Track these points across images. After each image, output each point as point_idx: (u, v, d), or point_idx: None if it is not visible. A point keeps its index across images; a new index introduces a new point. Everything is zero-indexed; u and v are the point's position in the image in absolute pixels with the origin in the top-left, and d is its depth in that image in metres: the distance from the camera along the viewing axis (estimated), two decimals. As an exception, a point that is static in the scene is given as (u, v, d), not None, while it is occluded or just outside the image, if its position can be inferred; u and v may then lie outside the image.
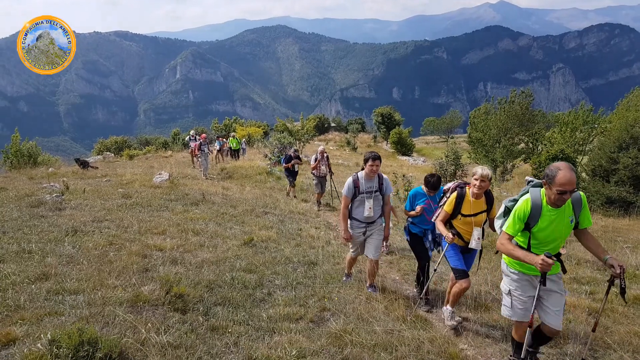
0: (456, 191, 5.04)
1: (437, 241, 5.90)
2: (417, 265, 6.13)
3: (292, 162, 13.76)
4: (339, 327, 4.45)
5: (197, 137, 20.76)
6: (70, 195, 9.86)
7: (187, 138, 21.45)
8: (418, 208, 5.87)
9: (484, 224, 5.08)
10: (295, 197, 14.00)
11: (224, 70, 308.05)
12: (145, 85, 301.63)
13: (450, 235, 4.80)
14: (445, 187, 5.49)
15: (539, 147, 29.24)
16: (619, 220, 14.46)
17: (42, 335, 3.51)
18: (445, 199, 5.26)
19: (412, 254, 6.36)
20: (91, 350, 3.31)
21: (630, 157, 17.47)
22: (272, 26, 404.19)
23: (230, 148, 24.02)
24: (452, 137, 61.96)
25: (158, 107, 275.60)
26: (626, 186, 17.02)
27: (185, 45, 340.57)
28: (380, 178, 5.65)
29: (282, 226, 9.25)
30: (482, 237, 4.99)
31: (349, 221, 5.71)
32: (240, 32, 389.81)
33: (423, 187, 6.03)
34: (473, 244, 4.97)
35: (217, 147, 22.98)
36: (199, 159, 17.67)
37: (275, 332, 4.29)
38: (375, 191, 5.57)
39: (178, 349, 3.72)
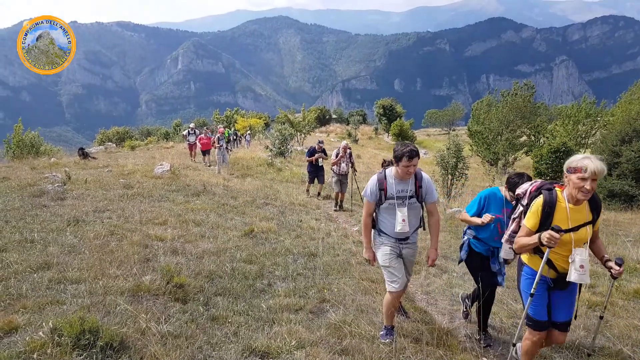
0: (542, 195, 3.40)
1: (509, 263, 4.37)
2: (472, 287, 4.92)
3: (316, 156, 12.35)
4: (339, 318, 4.48)
5: (197, 130, 20.36)
6: (72, 185, 9.88)
7: (185, 131, 20.48)
8: (487, 217, 4.23)
9: (587, 243, 3.34)
10: (316, 194, 12.94)
11: (226, 61, 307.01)
12: (146, 76, 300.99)
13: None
14: (519, 191, 3.78)
15: (541, 140, 29.18)
16: (620, 214, 14.46)
17: (43, 324, 3.54)
18: (521, 208, 3.67)
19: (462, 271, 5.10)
20: (92, 339, 3.34)
21: (632, 151, 17.44)
22: (274, 17, 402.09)
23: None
24: (454, 130, 61.85)
25: (159, 98, 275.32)
26: (628, 179, 17.00)
27: (187, 36, 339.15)
28: (418, 178, 4.14)
29: (282, 217, 9.27)
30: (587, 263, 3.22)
31: (373, 234, 4.35)
32: (242, 23, 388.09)
33: (504, 189, 4.38)
34: (574, 276, 3.22)
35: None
36: (217, 155, 16.71)
37: (274, 323, 4.31)
38: (411, 197, 4.10)
39: (178, 338, 3.75)
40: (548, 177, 18.63)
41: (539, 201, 3.36)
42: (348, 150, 11.47)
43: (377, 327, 4.40)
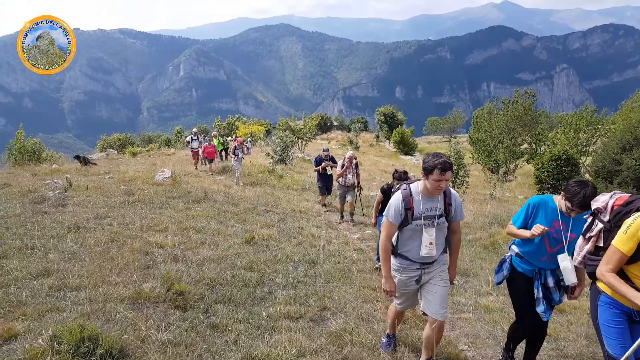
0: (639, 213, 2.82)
1: (563, 286, 3.73)
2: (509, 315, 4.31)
3: (323, 164, 11.74)
4: (339, 326, 4.46)
5: (200, 136, 20.10)
6: (73, 192, 9.89)
7: (188, 138, 19.85)
8: (537, 229, 3.48)
9: None
10: (325, 205, 12.45)
11: (228, 68, 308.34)
12: (148, 83, 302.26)
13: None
14: (598, 204, 3.18)
15: (542, 148, 29.18)
16: (621, 222, 14.41)
17: (43, 331, 3.53)
18: (600, 225, 3.11)
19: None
20: (92, 347, 3.33)
21: (633, 159, 17.44)
22: (275, 25, 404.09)
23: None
24: (455, 137, 61.89)
25: (161, 104, 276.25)
26: (629, 187, 16.98)
27: (189, 44, 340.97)
28: (447, 195, 3.69)
29: (283, 225, 9.26)
30: None
31: (393, 261, 3.82)
32: (244, 31, 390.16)
33: (559, 198, 3.62)
34: None
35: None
36: (234, 164, 16.21)
37: (275, 331, 4.29)
38: (440, 216, 3.63)
39: (178, 346, 3.74)
40: (549, 185, 18.62)
41: (638, 221, 2.74)
42: (354, 161, 10.88)
43: (378, 336, 4.38)
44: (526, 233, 3.60)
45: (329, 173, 11.94)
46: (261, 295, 5.24)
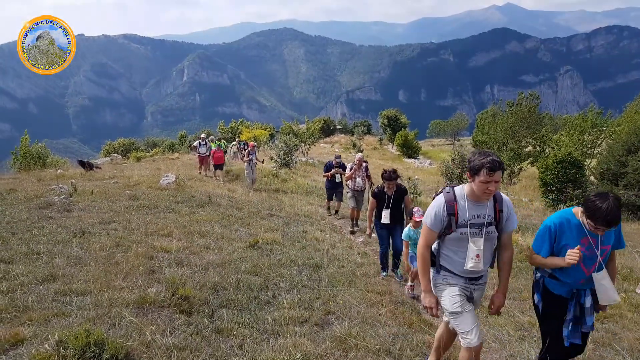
0: None
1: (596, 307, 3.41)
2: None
3: (333, 171, 11.41)
4: (344, 330, 4.45)
5: (208, 140, 19.32)
6: (78, 197, 9.94)
7: (195, 142, 19.37)
8: (573, 256, 3.11)
9: None
10: (334, 213, 11.96)
11: (231, 72, 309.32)
12: (152, 88, 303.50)
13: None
14: None
15: (547, 150, 29.11)
16: (628, 224, 14.36)
17: (49, 336, 3.55)
18: None
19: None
20: (98, 352, 3.34)
21: (639, 160, 17.36)
22: (278, 29, 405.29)
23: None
24: (459, 140, 61.77)
25: (165, 109, 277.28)
26: (635, 189, 16.92)
27: (193, 48, 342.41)
28: (497, 200, 3.28)
29: (287, 229, 9.27)
30: None
31: (433, 273, 3.43)
32: (247, 35, 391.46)
33: (579, 213, 3.26)
34: None
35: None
36: (246, 169, 15.81)
37: (279, 335, 4.29)
38: (489, 224, 3.21)
39: (183, 351, 3.74)
40: (554, 188, 18.54)
41: None
42: (364, 164, 10.55)
43: (383, 340, 4.37)
44: (560, 262, 3.20)
45: (337, 180, 11.53)
46: (265, 300, 5.24)
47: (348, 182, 10.57)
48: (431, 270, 3.40)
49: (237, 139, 31.67)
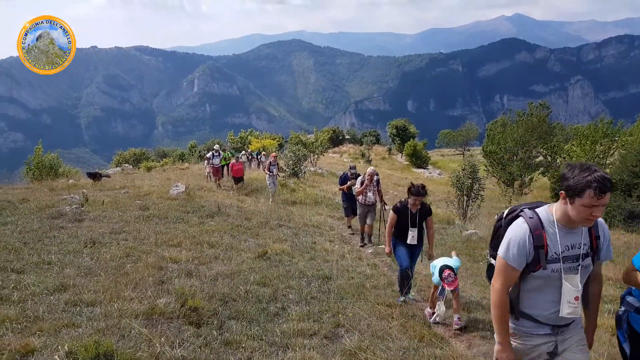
0: None
1: None
2: None
3: (349, 183, 10.74)
4: (354, 344, 4.41)
5: (221, 152, 18.87)
6: (90, 207, 10.01)
7: (209, 154, 18.86)
8: None
9: None
10: (350, 227, 11.39)
11: (240, 83, 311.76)
12: (163, 99, 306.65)
13: None
14: None
15: (558, 160, 28.85)
16: (641, 236, 14.12)
17: (59, 347, 3.55)
18: None
19: None
20: (107, 363, 3.34)
21: (652, 171, 17.14)
22: (287, 40, 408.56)
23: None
24: (469, 150, 61.53)
25: (176, 119, 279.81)
26: (648, 200, 16.67)
27: (203, 60, 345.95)
28: (593, 224, 2.57)
29: (296, 239, 9.25)
30: None
31: (511, 324, 2.66)
32: (257, 47, 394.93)
33: None
34: None
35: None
36: (267, 181, 15.37)
37: (288, 348, 4.26)
38: (585, 255, 2.54)
39: (192, 363, 3.72)
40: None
41: None
42: (375, 177, 9.92)
43: (394, 354, 4.31)
44: None
45: (354, 193, 10.66)
46: (274, 311, 5.22)
47: (359, 197, 9.98)
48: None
49: (246, 149, 31.85)
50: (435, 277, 5.58)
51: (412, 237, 6.12)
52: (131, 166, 32.09)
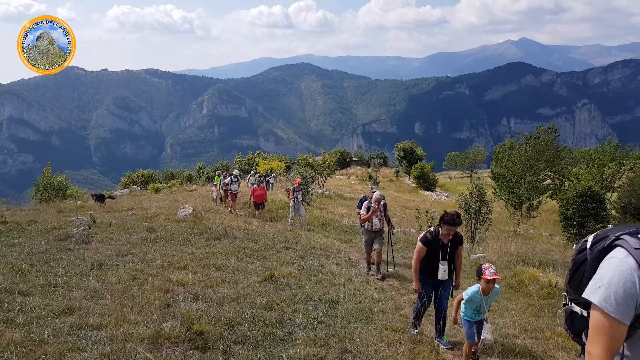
0: None
1: None
2: None
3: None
4: (361, 370, 4.33)
5: (239, 178, 18.11)
6: (97, 229, 10.05)
7: (227, 180, 17.82)
8: None
9: None
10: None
11: (249, 106, 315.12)
12: (172, 121, 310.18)
13: None
14: None
15: (566, 184, 28.66)
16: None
17: (63, 372, 3.52)
18: None
19: None
20: (111, 389, 3.29)
21: (662, 195, 16.96)
22: (296, 64, 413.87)
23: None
24: (476, 172, 61.33)
25: (184, 141, 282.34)
26: (659, 225, 16.44)
27: (212, 82, 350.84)
28: None
29: (303, 262, 9.19)
30: None
31: None
32: (265, 70, 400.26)
33: None
34: None
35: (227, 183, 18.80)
36: (291, 207, 14.81)
37: (295, 374, 4.19)
38: None
39: (197, 389, 3.67)
40: (574, 222, 18.14)
41: None
42: (382, 202, 9.25)
43: (402, 381, 4.22)
44: None
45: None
46: (281, 336, 5.15)
47: (364, 223, 9.31)
48: None
49: (253, 171, 31.97)
50: (467, 296, 4.90)
51: (443, 271, 5.53)
52: (139, 187, 32.24)
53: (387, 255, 9.75)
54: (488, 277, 4.65)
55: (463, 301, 4.99)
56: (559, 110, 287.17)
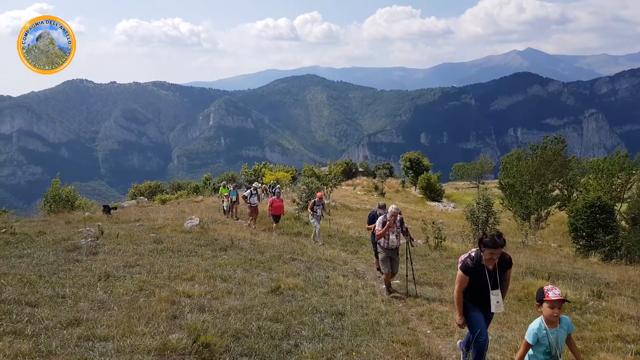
0: None
1: None
2: None
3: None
4: (368, 383, 4.29)
5: (259, 191, 17.13)
6: (105, 240, 10.10)
7: (246, 192, 16.98)
8: None
9: None
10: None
11: (255, 117, 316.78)
12: (179, 132, 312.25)
13: None
14: None
15: (574, 194, 28.45)
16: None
17: (70, 384, 3.52)
18: None
19: None
20: (118, 401, 3.29)
21: (672, 205, 16.78)
22: (301, 75, 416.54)
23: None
24: (483, 183, 61.02)
25: (191, 152, 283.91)
26: (670, 236, 16.24)
27: (219, 94, 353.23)
28: None
29: (309, 273, 9.16)
30: None
31: None
32: (271, 82, 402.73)
33: None
34: None
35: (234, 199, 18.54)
36: (311, 220, 14.48)
37: (302, 387, 4.16)
38: None
39: (203, 402, 3.65)
40: (584, 233, 17.96)
41: None
42: (399, 217, 8.59)
43: (409, 394, 4.18)
44: None
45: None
46: (287, 349, 5.13)
47: (380, 240, 8.60)
48: None
49: (260, 182, 32.04)
50: (531, 332, 3.88)
51: (497, 302, 4.72)
52: (146, 199, 32.37)
53: (406, 272, 9.07)
54: (552, 298, 3.72)
55: (529, 351, 3.94)
56: (567, 120, 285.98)
